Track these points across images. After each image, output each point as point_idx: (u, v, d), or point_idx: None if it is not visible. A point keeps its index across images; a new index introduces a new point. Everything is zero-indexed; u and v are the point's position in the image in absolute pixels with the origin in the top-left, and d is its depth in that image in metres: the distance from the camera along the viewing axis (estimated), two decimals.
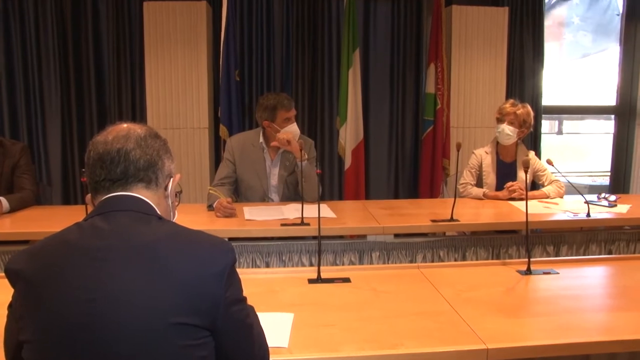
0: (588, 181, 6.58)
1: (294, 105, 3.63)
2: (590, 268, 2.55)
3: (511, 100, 3.85)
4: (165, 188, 1.46)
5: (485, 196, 3.79)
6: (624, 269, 2.50)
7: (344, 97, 4.77)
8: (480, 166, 3.89)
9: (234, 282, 1.36)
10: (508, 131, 3.76)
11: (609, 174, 5.98)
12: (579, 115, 6.79)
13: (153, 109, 4.68)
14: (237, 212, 3.28)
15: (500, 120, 3.81)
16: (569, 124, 7.47)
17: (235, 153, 3.63)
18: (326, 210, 3.36)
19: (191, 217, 3.22)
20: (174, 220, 1.50)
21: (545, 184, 3.87)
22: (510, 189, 3.71)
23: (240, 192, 3.71)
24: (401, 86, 5.19)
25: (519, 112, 3.76)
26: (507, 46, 5.09)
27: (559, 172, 3.63)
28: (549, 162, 3.56)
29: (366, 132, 5.03)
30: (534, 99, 5.31)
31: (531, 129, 3.92)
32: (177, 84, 4.68)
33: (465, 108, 5.05)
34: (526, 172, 2.49)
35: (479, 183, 3.91)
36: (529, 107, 3.82)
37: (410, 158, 5.28)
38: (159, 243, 1.30)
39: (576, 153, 7.07)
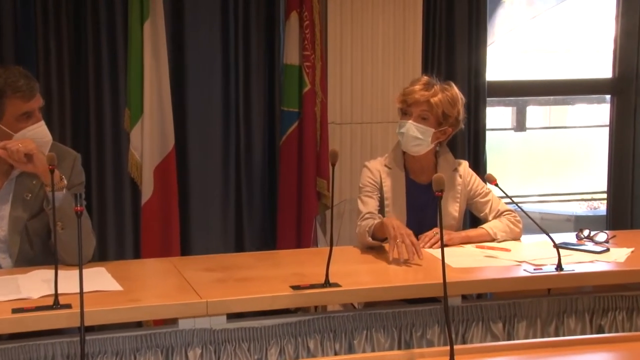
0: (577, 209, 6.94)
1: (40, 88, 3.61)
2: (563, 358, 2.67)
3: (424, 79, 3.99)
4: None
5: (375, 234, 3.81)
6: (626, 358, 2.65)
7: (138, 75, 4.82)
8: (381, 189, 4.01)
9: None
10: (416, 132, 3.89)
11: (605, 195, 6.27)
12: (554, 98, 7.15)
13: None
14: None
15: (404, 114, 3.95)
16: (538, 113, 7.89)
17: None
18: (104, 279, 3.35)
19: None
20: None
21: (490, 217, 4.07)
22: (424, 241, 3.84)
23: None
24: (242, 54, 5.26)
25: (434, 99, 3.88)
26: None
27: (506, 195, 3.80)
28: (490, 180, 3.77)
29: (180, 136, 5.09)
30: (473, 72, 5.57)
31: (461, 126, 4.06)
32: None
33: (354, 91, 5.25)
34: (440, 196, 2.60)
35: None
36: (456, 90, 3.97)
37: (262, 178, 5.37)
38: None
39: (552, 161, 7.47)
